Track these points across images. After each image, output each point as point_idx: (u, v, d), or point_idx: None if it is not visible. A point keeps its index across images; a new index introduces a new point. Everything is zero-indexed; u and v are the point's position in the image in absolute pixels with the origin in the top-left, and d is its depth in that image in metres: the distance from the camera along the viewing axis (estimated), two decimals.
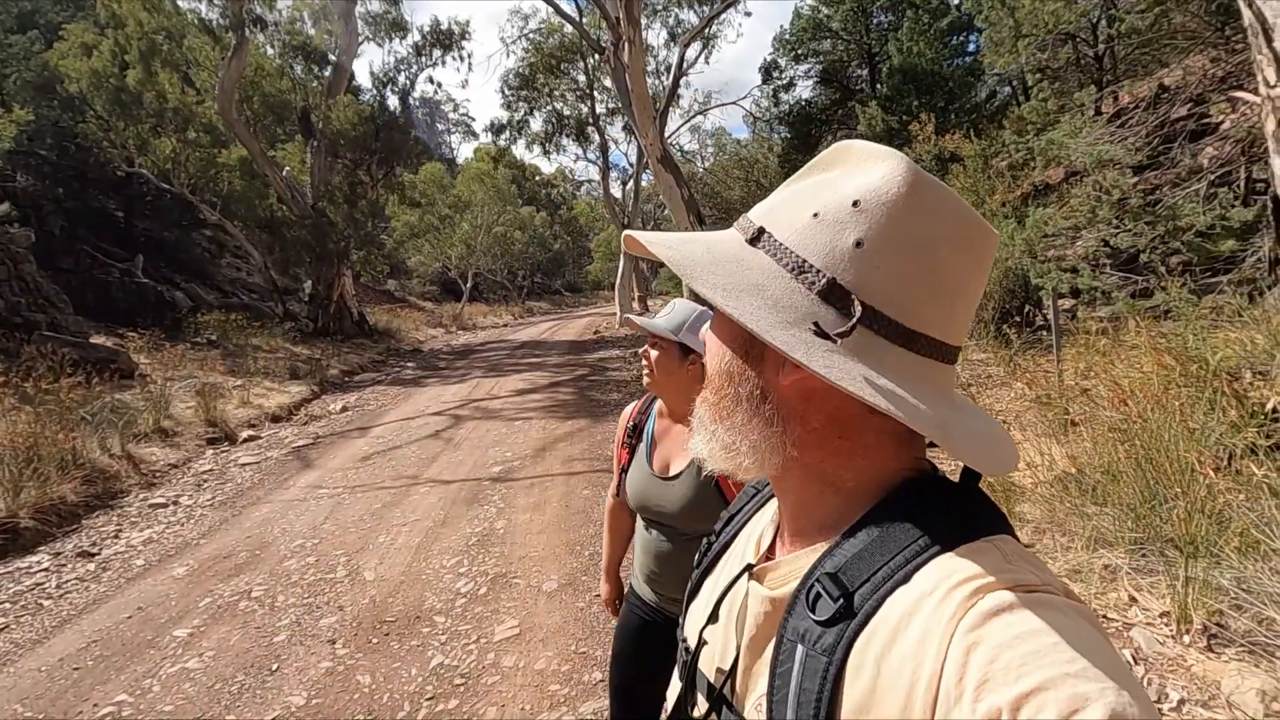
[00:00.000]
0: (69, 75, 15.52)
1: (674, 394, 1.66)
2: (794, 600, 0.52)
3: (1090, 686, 0.36)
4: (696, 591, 0.72)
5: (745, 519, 0.73)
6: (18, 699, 2.98)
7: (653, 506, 1.64)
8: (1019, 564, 0.46)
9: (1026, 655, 0.38)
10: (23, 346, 9.66)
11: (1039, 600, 0.42)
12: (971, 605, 0.42)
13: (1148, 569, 2.87)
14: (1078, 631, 0.40)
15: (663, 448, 1.68)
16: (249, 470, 6.70)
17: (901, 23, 14.84)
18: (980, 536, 0.48)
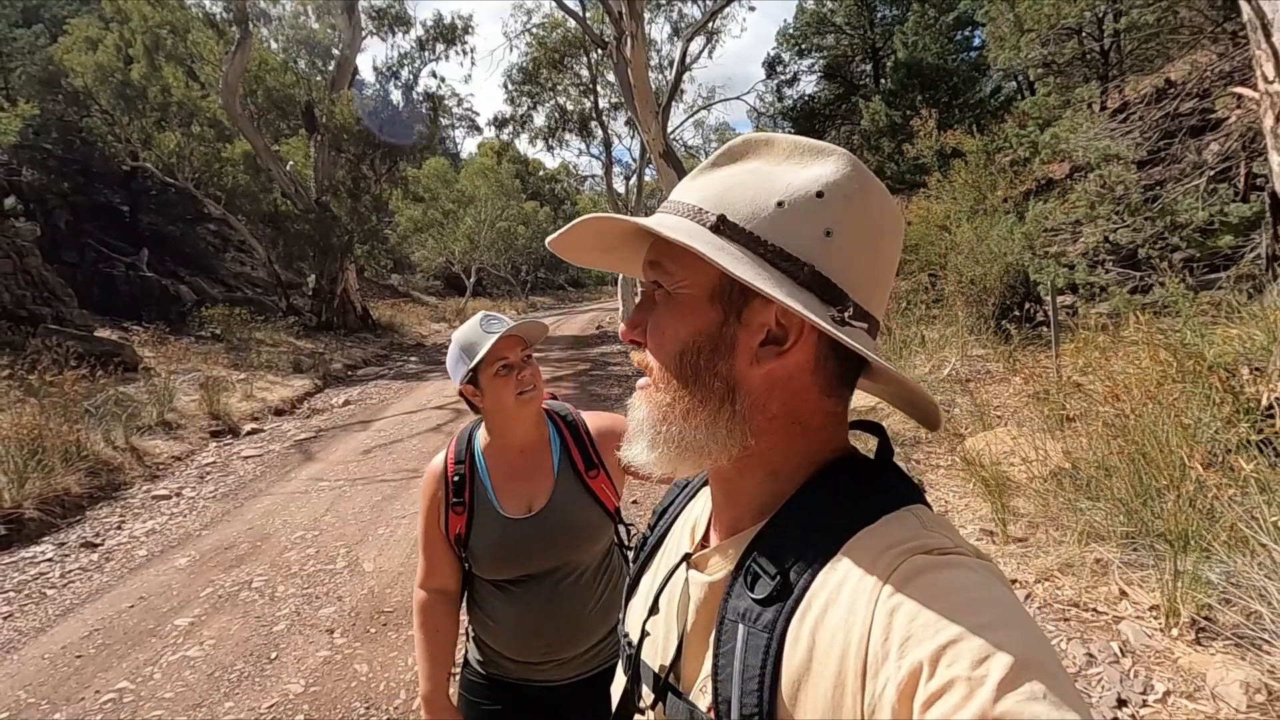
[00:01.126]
0: (74, 69, 15.56)
1: (536, 416, 1.46)
2: (732, 582, 0.53)
3: (999, 635, 0.39)
4: (635, 588, 0.72)
5: (677, 511, 0.73)
6: (21, 685, 3.02)
7: (530, 557, 1.39)
8: (934, 529, 0.49)
9: (942, 612, 0.41)
10: (28, 340, 9.74)
11: (952, 562, 0.45)
12: (893, 570, 0.45)
13: (1138, 563, 2.88)
14: (988, 589, 0.43)
15: (511, 488, 1.43)
16: (251, 463, 6.75)
17: (906, 17, 14.77)
18: (898, 507, 0.51)
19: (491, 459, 1.46)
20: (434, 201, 28.33)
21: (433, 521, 1.45)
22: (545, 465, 1.45)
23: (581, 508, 1.42)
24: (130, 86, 15.61)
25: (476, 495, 1.43)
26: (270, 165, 17.02)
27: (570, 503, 1.42)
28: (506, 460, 1.45)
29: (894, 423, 5.58)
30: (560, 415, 1.52)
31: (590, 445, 1.47)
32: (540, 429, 1.48)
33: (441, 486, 1.45)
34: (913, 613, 0.42)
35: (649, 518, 0.78)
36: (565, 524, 1.40)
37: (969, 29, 14.21)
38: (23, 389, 7.77)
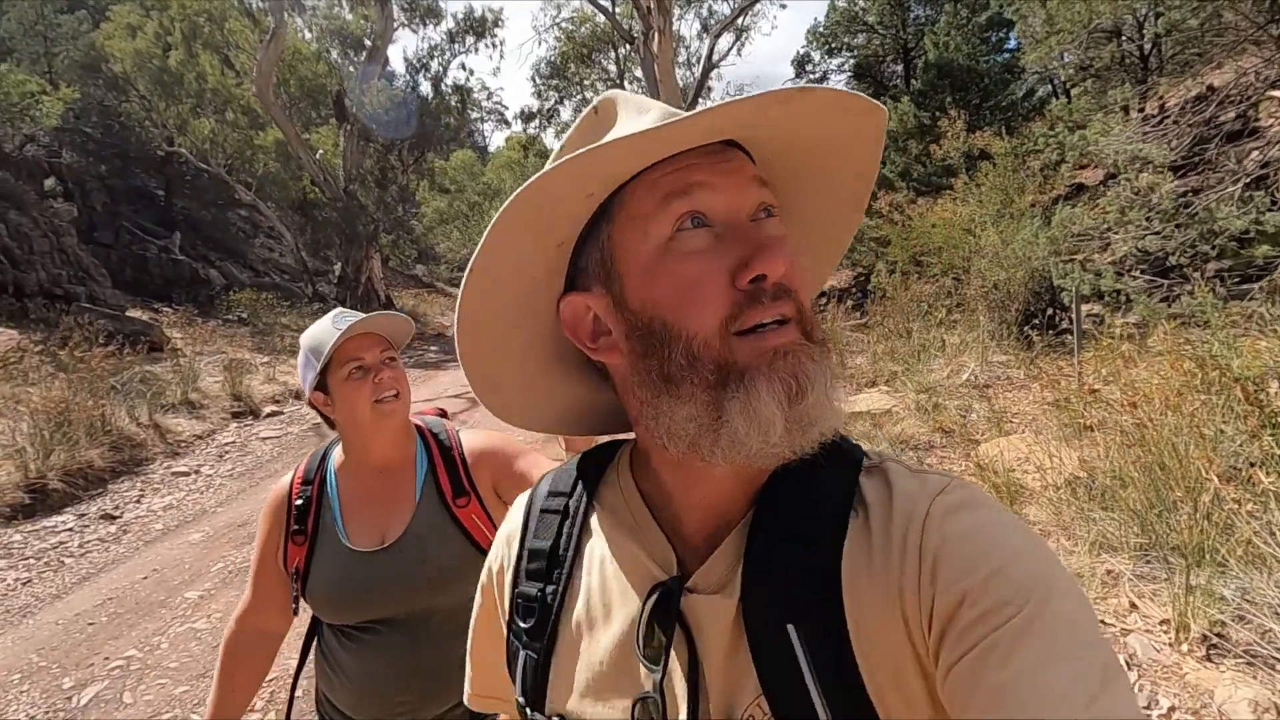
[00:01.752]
0: (114, 55, 15.93)
1: (405, 428, 1.26)
2: (751, 586, 0.47)
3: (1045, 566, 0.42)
4: (550, 659, 0.56)
5: (571, 546, 0.58)
6: (34, 649, 3.11)
7: (378, 599, 1.16)
8: (921, 470, 0.50)
9: (984, 545, 0.43)
10: (62, 317, 10.01)
11: (968, 500, 0.46)
12: (926, 515, 0.45)
13: (1151, 576, 2.81)
14: (1009, 521, 0.45)
15: (364, 516, 1.21)
16: (269, 444, 6.86)
17: (939, 17, 14.54)
18: (860, 457, 0.51)
19: (345, 481, 1.23)
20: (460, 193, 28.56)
21: (269, 551, 1.22)
22: (406, 490, 1.22)
23: (444, 542, 1.19)
24: (168, 73, 15.95)
25: (322, 523, 1.20)
26: (300, 153, 17.29)
27: (430, 535, 1.18)
28: (362, 483, 1.23)
29: (906, 427, 5.51)
30: (432, 432, 1.29)
31: (462, 467, 1.24)
32: (405, 447, 1.25)
33: (283, 511, 1.22)
34: (955, 553, 0.43)
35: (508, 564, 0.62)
36: (421, 561, 1.17)
37: (1003, 30, 13.95)
38: (54, 364, 7.99)
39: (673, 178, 0.47)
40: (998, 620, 0.39)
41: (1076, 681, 0.37)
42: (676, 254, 0.47)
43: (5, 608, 3.52)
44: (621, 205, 0.49)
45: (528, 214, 0.48)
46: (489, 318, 0.54)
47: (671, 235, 0.47)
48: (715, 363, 0.46)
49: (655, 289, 0.48)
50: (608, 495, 0.59)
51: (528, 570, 0.59)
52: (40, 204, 13.32)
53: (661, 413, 0.48)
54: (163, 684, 2.80)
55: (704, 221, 0.47)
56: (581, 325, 0.53)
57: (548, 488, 0.63)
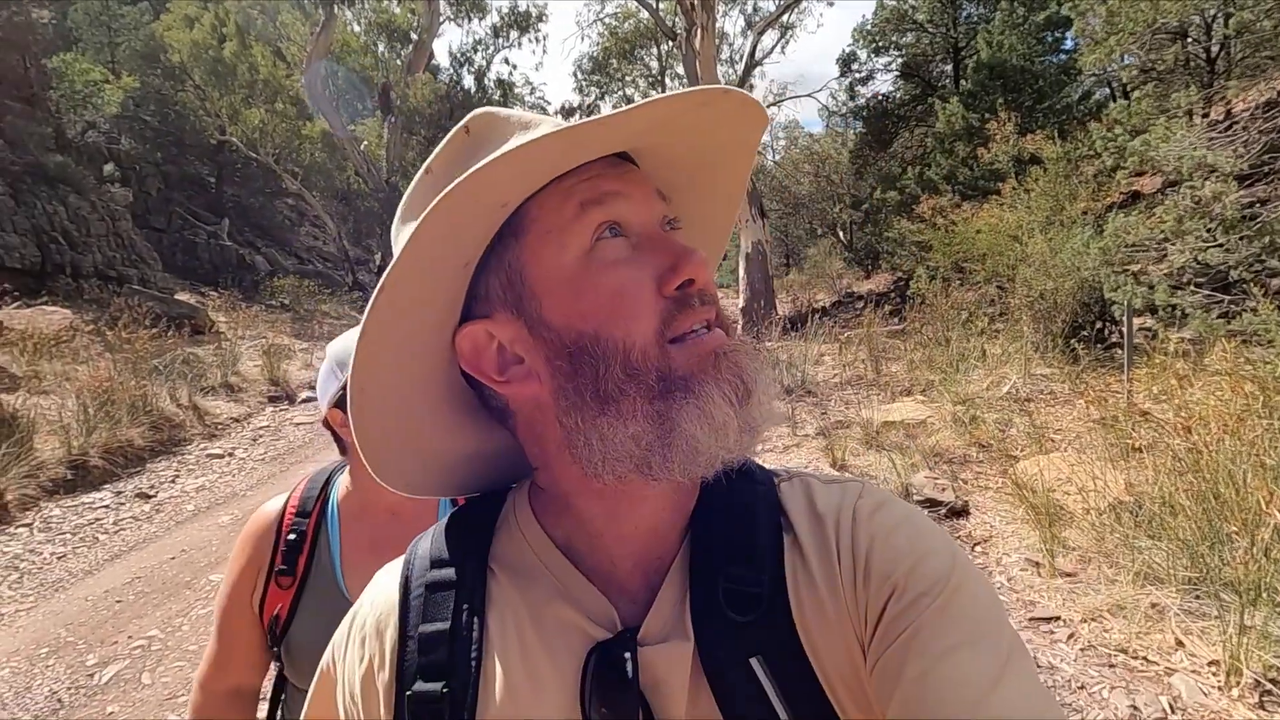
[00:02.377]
0: (172, 46, 16.44)
1: None
2: (703, 624, 0.44)
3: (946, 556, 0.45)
4: None
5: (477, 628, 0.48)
6: (63, 624, 3.18)
7: None
8: (834, 479, 0.52)
9: (908, 537, 0.46)
10: (113, 298, 10.37)
11: (881, 499, 0.49)
12: (853, 518, 0.47)
13: (1200, 612, 2.64)
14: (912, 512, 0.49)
15: (366, 564, 0.98)
16: (302, 430, 6.98)
17: (993, 15, 14.08)
18: (770, 475, 0.52)
19: (348, 519, 1.06)
20: None
21: (242, 592, 1.02)
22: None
23: None
24: (222, 63, 16.40)
25: (315, 566, 1.02)
26: (346, 144, 17.64)
27: None
28: (368, 524, 1.05)
29: (941, 439, 5.33)
30: None
31: None
32: None
33: (267, 545, 1.03)
34: (881, 549, 0.45)
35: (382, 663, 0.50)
36: None
37: (1060, 30, 13.43)
38: (102, 344, 8.26)
39: (585, 186, 0.45)
40: (920, 608, 0.42)
41: (984, 664, 0.39)
42: (599, 264, 0.45)
43: (40, 581, 3.62)
44: (531, 220, 0.46)
45: (439, 229, 0.43)
46: (385, 361, 0.48)
47: (591, 246, 0.45)
48: (657, 373, 0.44)
49: (581, 302, 0.45)
50: (509, 553, 0.51)
51: (421, 665, 0.47)
52: (99, 188, 13.83)
53: (599, 436, 0.44)
54: (180, 666, 2.84)
55: (620, 231, 0.46)
56: (485, 357, 0.48)
57: (426, 555, 0.53)
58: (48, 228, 11.95)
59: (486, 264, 0.48)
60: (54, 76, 15.95)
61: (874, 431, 5.56)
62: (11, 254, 10.94)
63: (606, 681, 0.44)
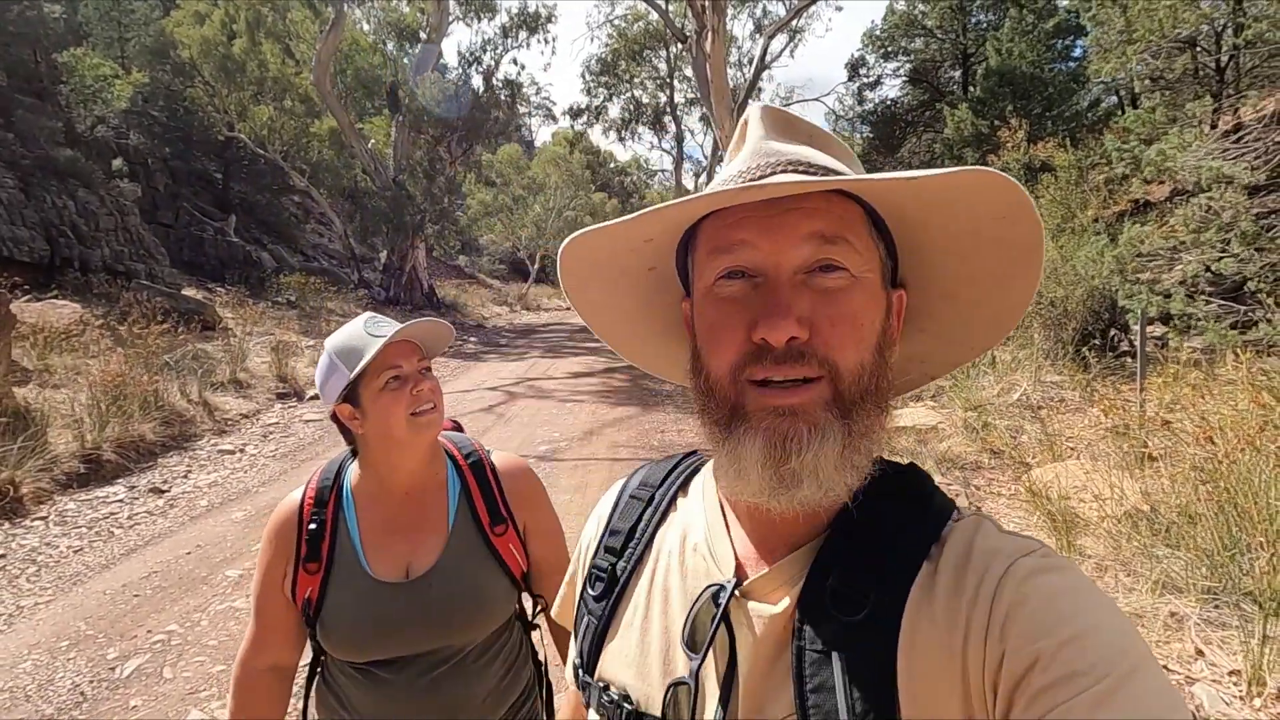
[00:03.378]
0: (182, 42, 16.49)
1: (431, 449, 1.16)
2: (804, 607, 0.48)
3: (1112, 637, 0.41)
4: (607, 630, 0.60)
5: (649, 531, 0.63)
6: (82, 617, 3.20)
7: (403, 634, 1.08)
8: (1006, 532, 0.50)
9: (1063, 611, 0.42)
10: (122, 293, 10.39)
11: (1056, 565, 0.46)
12: (1000, 574, 0.45)
13: (1220, 622, 2.64)
14: (1093, 593, 0.44)
15: (386, 544, 1.11)
16: (311, 426, 6.99)
17: (1002, 22, 14.10)
18: (952, 510, 0.52)
19: (364, 504, 1.13)
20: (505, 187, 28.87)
21: (274, 580, 1.09)
22: (437, 516, 1.14)
23: (481, 574, 1.12)
24: (231, 60, 16.44)
25: (338, 550, 1.09)
26: (353, 142, 17.67)
27: (466, 567, 1.11)
28: (384, 507, 1.13)
29: (953, 445, 5.33)
30: (462, 452, 1.21)
31: (499, 492, 1.17)
32: (434, 468, 1.17)
33: (291, 535, 1.10)
34: (1032, 613, 0.42)
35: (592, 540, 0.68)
36: (456, 595, 1.09)
37: (1069, 37, 13.45)
38: (113, 339, 8.29)
39: (723, 233, 0.51)
40: (1070, 691, 0.39)
41: None
42: (714, 298, 0.52)
43: (58, 574, 3.63)
44: (696, 242, 0.55)
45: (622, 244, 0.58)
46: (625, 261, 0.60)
47: (714, 282, 0.52)
48: (724, 401, 0.50)
49: (699, 323, 0.54)
50: (692, 495, 0.64)
51: (605, 545, 0.65)
52: (107, 183, 13.85)
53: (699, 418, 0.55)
54: (201, 661, 2.85)
55: (744, 273, 0.50)
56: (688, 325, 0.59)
57: (640, 479, 0.69)
58: (57, 222, 11.97)
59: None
60: (64, 71, 16.00)
61: (887, 438, 5.57)
62: (21, 248, 10.97)
63: (706, 616, 0.53)
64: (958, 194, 0.48)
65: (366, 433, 1.10)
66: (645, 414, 7.72)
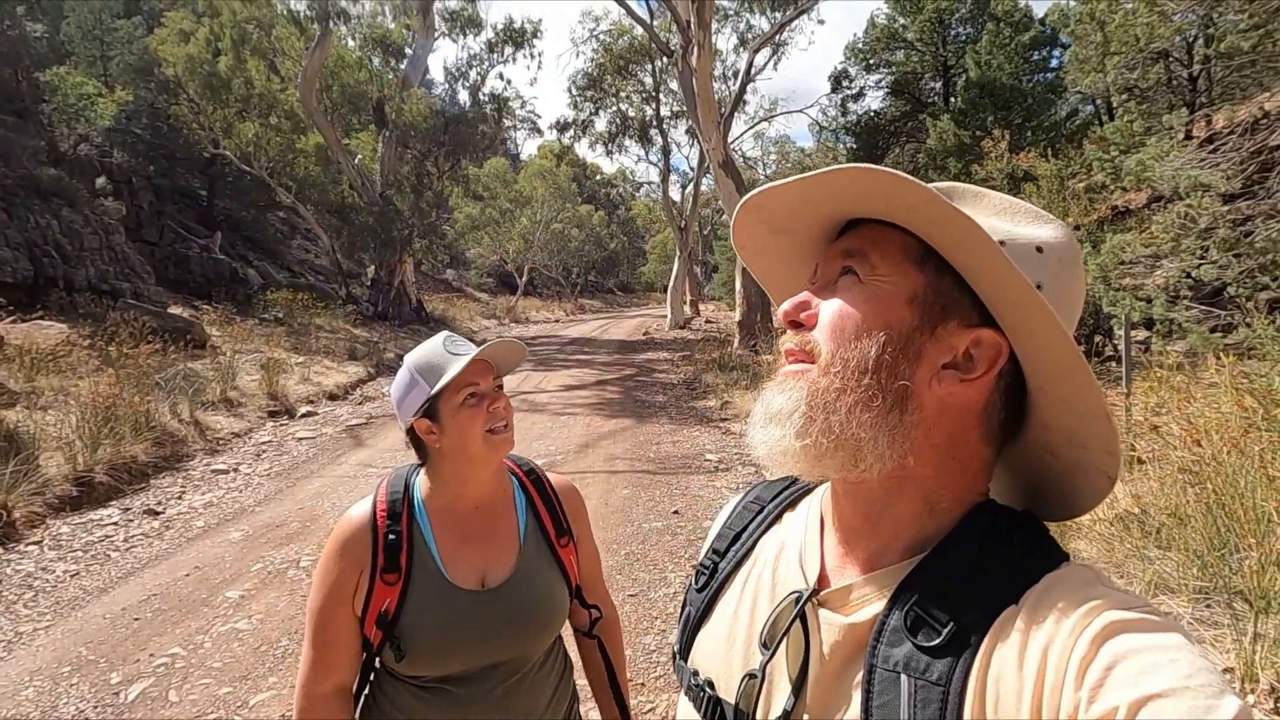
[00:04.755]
0: (167, 59, 16.44)
1: (500, 466, 1.22)
2: (882, 626, 0.49)
3: (1203, 698, 0.37)
4: (704, 618, 0.66)
5: (755, 536, 0.68)
6: (83, 642, 3.17)
7: (485, 646, 1.10)
8: (1112, 586, 0.48)
9: (1146, 666, 0.40)
10: (108, 312, 10.30)
11: (1151, 623, 0.43)
12: (1088, 624, 0.43)
13: (1211, 621, 2.71)
14: (1189, 652, 0.41)
15: (462, 555, 1.13)
16: (305, 444, 6.96)
17: (980, 35, 14.39)
18: (1062, 559, 0.50)
19: (437, 516, 1.15)
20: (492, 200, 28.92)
21: (342, 595, 1.08)
22: (507, 529, 1.19)
23: (550, 583, 1.17)
24: (217, 77, 16.41)
25: (416, 561, 1.10)
26: (340, 158, 17.65)
27: (538, 577, 1.16)
28: (458, 519, 1.15)
29: None
30: (521, 468, 1.28)
31: (559, 507, 1.25)
32: (502, 483, 1.22)
33: (366, 547, 1.09)
34: (1110, 662, 0.41)
35: (710, 539, 0.73)
36: (532, 603, 1.14)
37: (1046, 49, 13.75)
38: (100, 359, 8.21)
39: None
40: None
41: None
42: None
43: (55, 599, 3.60)
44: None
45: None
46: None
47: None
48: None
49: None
50: (799, 511, 0.67)
51: (714, 546, 0.70)
52: (91, 202, 13.75)
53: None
54: (206, 684, 2.84)
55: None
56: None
57: (757, 492, 0.73)
58: (40, 241, 11.87)
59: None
60: (46, 90, 15.91)
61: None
62: (4, 268, 10.85)
63: (785, 619, 0.56)
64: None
65: (443, 447, 1.13)
66: (640, 426, 7.75)
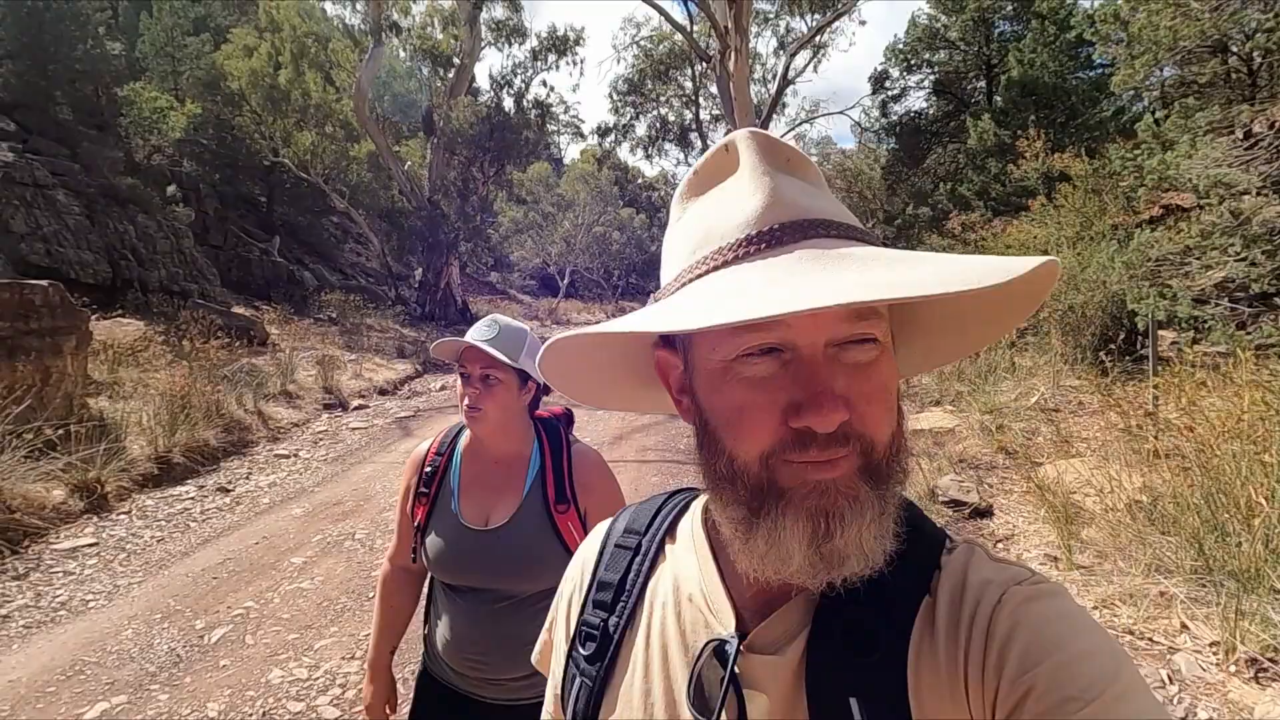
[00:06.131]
0: (232, 74, 17.43)
1: (504, 433, 1.39)
2: (816, 656, 0.47)
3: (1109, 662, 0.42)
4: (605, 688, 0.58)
5: (639, 582, 0.61)
6: (170, 595, 3.60)
7: (473, 569, 1.35)
8: (1003, 560, 0.50)
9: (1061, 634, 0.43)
10: (179, 312, 11.06)
11: (1046, 590, 0.47)
12: (998, 602, 0.45)
13: (1205, 599, 2.83)
14: (1083, 615, 0.46)
15: (476, 495, 1.40)
16: (358, 434, 7.44)
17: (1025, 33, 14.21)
18: (944, 539, 0.52)
19: (468, 460, 1.43)
20: (535, 204, 29.59)
21: (405, 503, 1.45)
22: (517, 484, 1.39)
23: (541, 540, 1.34)
24: (277, 89, 17.32)
25: (442, 492, 1.41)
26: (390, 165, 18.42)
27: (528, 529, 1.34)
28: (480, 466, 1.42)
29: (968, 447, 5.52)
30: (549, 436, 1.44)
31: (568, 478, 1.39)
32: (520, 444, 1.42)
33: (416, 473, 1.44)
34: (1025, 643, 0.43)
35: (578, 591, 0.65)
36: (518, 550, 1.33)
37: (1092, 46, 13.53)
38: (174, 354, 8.87)
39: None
40: (1064, 715, 0.40)
41: None
42: (735, 377, 0.46)
43: (144, 560, 4.06)
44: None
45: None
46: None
47: (735, 358, 0.46)
48: (753, 486, 0.46)
49: (712, 400, 0.48)
50: (680, 540, 0.61)
51: (594, 600, 0.62)
52: (163, 209, 14.69)
53: (714, 498, 0.51)
54: (277, 630, 3.22)
55: (774, 348, 0.45)
56: (669, 376, 0.56)
57: (625, 524, 0.66)
58: (119, 245, 12.76)
59: None
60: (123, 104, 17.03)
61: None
62: (87, 270, 11.72)
63: (711, 672, 0.51)
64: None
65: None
66: (672, 420, 7.99)
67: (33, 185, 11.62)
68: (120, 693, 2.76)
